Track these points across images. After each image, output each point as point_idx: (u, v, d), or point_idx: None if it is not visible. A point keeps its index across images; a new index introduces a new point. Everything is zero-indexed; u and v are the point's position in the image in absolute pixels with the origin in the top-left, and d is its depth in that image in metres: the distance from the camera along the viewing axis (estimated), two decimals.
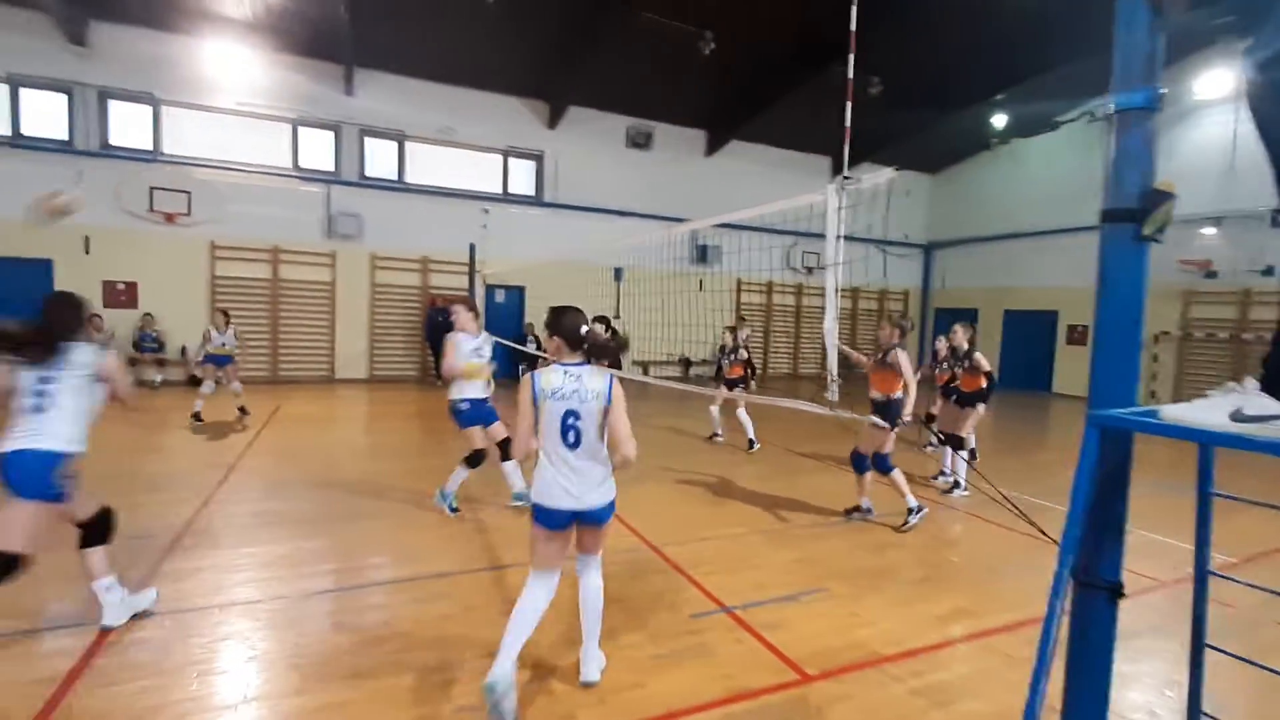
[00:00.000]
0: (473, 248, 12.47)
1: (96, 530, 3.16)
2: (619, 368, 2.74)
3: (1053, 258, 15.94)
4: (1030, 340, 16.46)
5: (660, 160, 15.57)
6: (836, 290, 2.69)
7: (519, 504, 5.19)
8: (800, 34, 12.08)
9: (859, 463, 5.37)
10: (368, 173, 13.24)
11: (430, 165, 13.79)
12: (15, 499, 2.84)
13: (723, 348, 8.71)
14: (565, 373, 2.67)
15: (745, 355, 8.50)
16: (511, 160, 14.49)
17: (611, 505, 2.76)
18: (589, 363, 2.72)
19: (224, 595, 3.63)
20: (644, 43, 11.87)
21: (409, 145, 13.52)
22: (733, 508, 5.66)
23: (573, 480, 2.64)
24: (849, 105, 3.04)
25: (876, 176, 2.55)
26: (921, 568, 4.43)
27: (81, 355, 3.04)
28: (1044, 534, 2.66)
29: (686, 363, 15.70)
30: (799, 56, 12.72)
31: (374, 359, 13.51)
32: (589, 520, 2.73)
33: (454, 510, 5.09)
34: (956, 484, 6.42)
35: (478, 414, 5.01)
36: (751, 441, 8.10)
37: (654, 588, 3.91)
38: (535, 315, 12.32)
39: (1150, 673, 3.13)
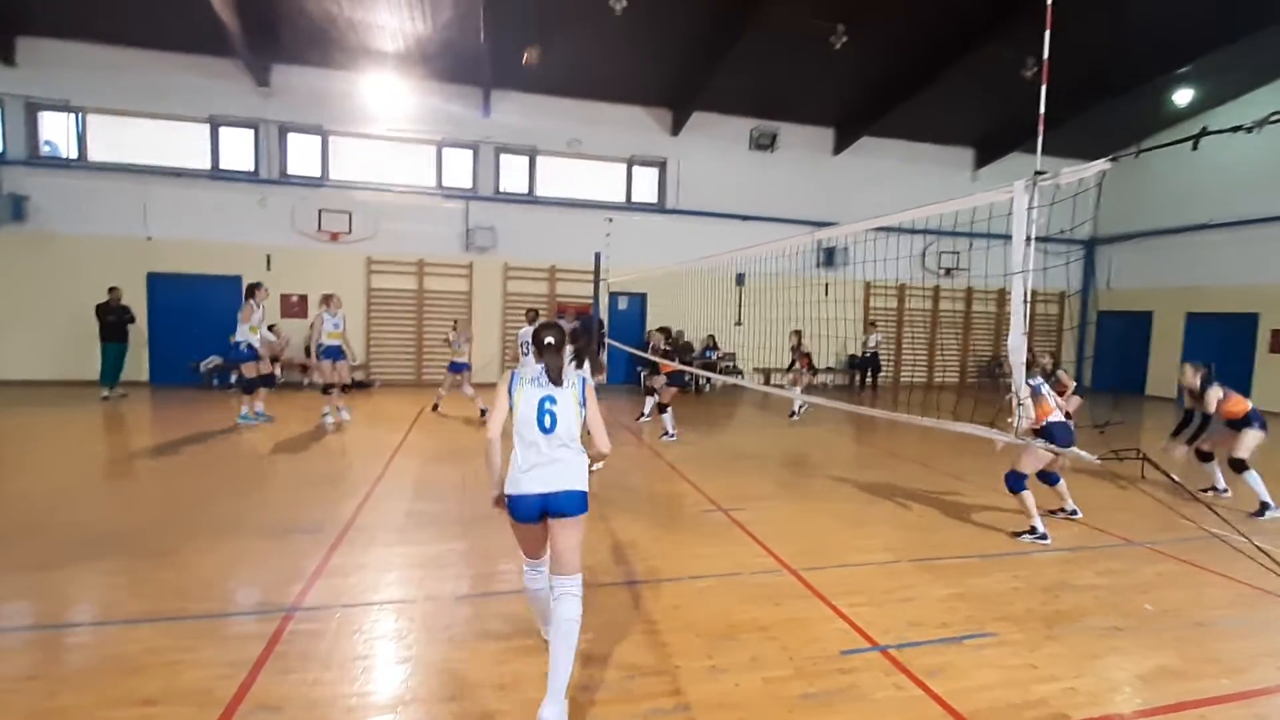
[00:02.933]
0: (598, 256, 12.75)
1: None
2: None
3: (1252, 251, 13.68)
4: (1221, 347, 14.20)
5: (785, 161, 15.12)
6: (1026, 300, 2.36)
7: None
8: (941, 17, 11.22)
9: (1021, 481, 5.23)
10: (502, 187, 13.95)
11: (559, 177, 14.29)
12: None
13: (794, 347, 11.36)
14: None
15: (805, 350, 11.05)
16: (635, 169, 14.69)
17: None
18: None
19: (383, 593, 3.86)
20: (771, 42, 11.55)
21: (539, 159, 14.09)
22: (874, 530, 5.28)
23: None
24: (1043, 89, 2.67)
25: (1081, 170, 2.21)
26: (1109, 615, 3.85)
27: None
28: None
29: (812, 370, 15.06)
30: (939, 42, 11.83)
31: (505, 364, 14.17)
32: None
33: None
34: (1265, 505, 5.92)
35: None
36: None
37: (796, 615, 3.69)
38: (656, 322, 12.35)
39: None
